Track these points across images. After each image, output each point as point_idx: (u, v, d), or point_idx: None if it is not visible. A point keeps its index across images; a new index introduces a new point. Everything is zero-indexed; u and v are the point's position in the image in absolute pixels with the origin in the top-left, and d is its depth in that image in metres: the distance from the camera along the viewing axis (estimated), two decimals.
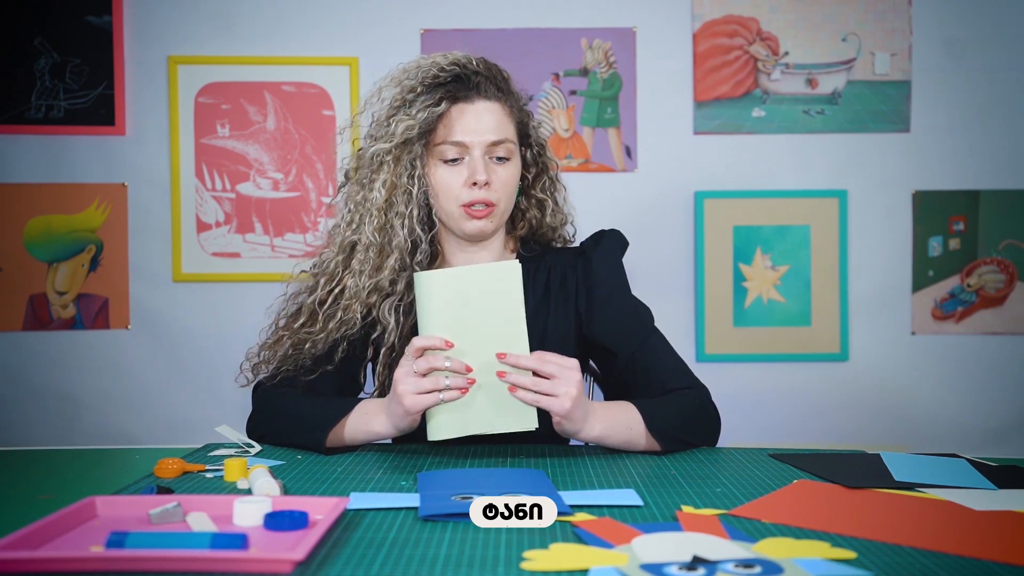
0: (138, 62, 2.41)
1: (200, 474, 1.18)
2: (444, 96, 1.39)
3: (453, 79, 1.40)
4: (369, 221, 1.40)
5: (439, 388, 1.19)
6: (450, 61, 1.41)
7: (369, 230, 1.40)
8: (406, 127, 1.38)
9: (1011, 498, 1.04)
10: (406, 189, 1.40)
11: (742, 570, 0.77)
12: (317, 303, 1.42)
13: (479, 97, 1.40)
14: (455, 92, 1.39)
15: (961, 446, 2.31)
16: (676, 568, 0.78)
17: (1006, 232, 2.44)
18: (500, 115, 1.42)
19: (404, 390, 1.20)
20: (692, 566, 0.78)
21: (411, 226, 1.40)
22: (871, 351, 2.45)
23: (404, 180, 1.40)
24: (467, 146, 1.39)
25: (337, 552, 0.84)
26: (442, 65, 1.40)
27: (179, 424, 2.39)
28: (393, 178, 1.40)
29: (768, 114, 2.45)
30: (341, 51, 2.42)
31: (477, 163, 1.39)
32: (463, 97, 1.40)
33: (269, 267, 2.41)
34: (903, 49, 2.43)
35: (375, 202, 1.40)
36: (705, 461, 1.26)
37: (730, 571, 0.77)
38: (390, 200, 1.40)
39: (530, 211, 1.52)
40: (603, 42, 2.44)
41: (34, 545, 0.83)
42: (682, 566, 0.78)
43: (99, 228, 2.41)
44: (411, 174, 1.40)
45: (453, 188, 1.40)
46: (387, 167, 1.40)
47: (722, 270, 2.45)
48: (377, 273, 1.40)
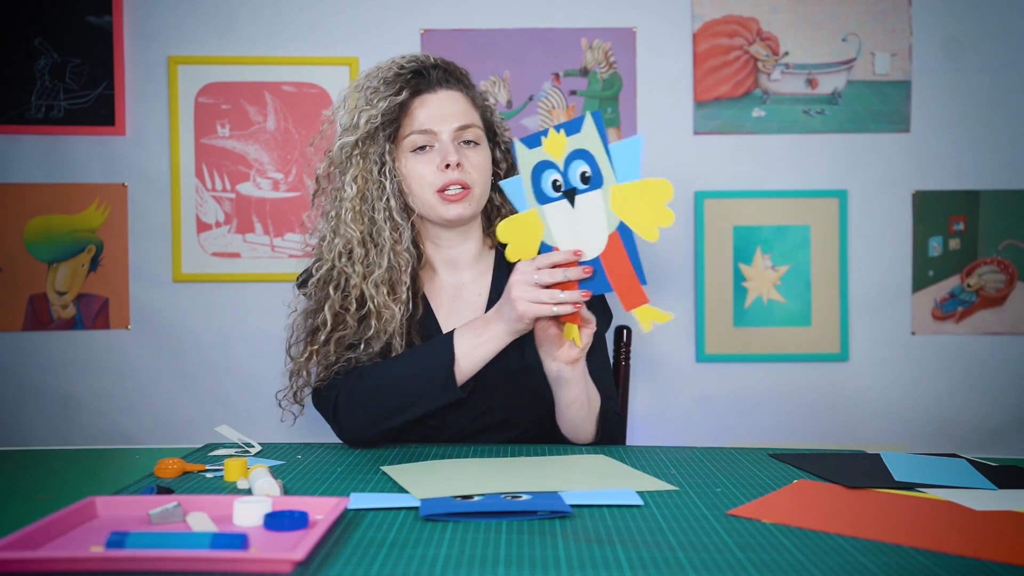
0: (138, 62, 2.41)
1: (200, 474, 1.18)
2: (404, 86, 1.40)
3: (413, 74, 1.42)
4: (346, 218, 1.40)
5: (555, 301, 1.21)
6: (409, 59, 1.44)
7: (351, 227, 1.40)
8: (368, 117, 1.39)
9: (1011, 498, 1.04)
10: (378, 182, 1.40)
11: None
12: (340, 309, 1.40)
13: (441, 87, 1.43)
14: (416, 84, 1.41)
15: (961, 446, 2.31)
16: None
17: (1006, 232, 2.44)
18: (463, 102, 1.44)
19: (518, 295, 1.22)
20: None
21: (391, 218, 1.41)
22: (871, 351, 2.45)
23: (375, 174, 1.40)
24: (434, 132, 1.41)
25: (337, 552, 0.84)
26: (401, 64, 1.43)
27: (179, 424, 2.39)
28: (364, 173, 1.40)
29: (768, 114, 2.45)
30: (341, 51, 2.42)
31: (447, 146, 1.40)
32: (425, 88, 1.42)
33: (269, 267, 2.41)
34: (903, 49, 2.43)
35: (349, 197, 1.40)
36: (705, 461, 1.26)
37: None
38: (363, 195, 1.40)
39: (505, 206, 1.53)
40: (603, 42, 2.44)
41: (34, 545, 0.83)
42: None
43: (99, 228, 2.41)
44: (380, 168, 1.41)
45: (426, 176, 1.41)
46: (355, 162, 1.40)
47: (722, 270, 2.45)
48: (377, 271, 1.39)
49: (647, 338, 2.41)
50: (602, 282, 1.20)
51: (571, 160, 1.21)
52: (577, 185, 1.21)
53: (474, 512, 0.95)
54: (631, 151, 1.17)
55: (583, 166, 1.20)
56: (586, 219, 1.21)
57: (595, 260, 1.21)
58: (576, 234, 1.22)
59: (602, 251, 1.20)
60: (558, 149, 1.22)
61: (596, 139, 1.19)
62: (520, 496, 1.01)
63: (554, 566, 0.81)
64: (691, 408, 2.45)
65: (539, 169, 1.25)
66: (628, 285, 1.18)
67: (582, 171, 1.20)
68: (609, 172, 1.18)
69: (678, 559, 0.83)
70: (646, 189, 1.17)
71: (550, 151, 1.23)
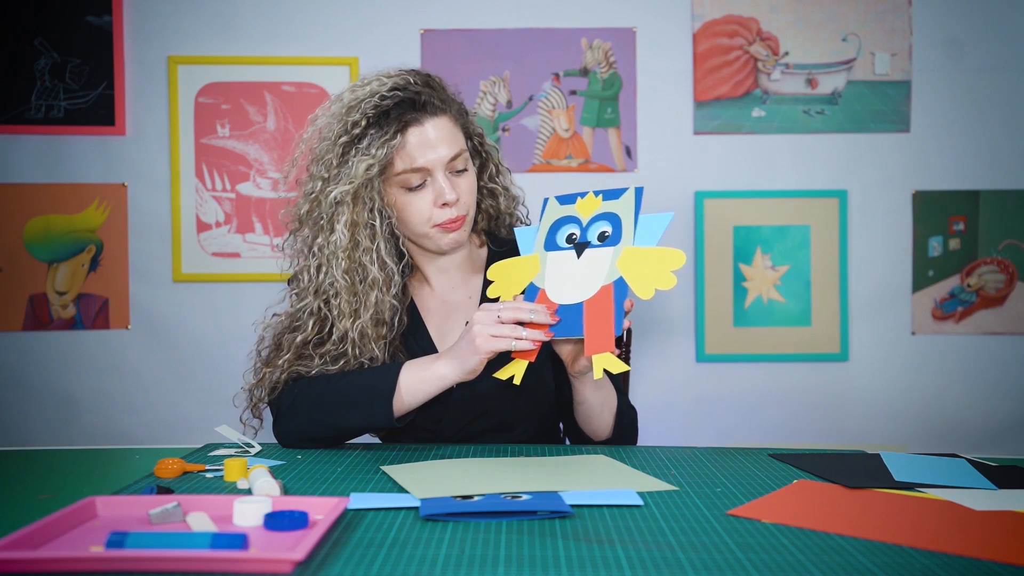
0: (138, 62, 2.41)
1: (200, 474, 1.18)
2: (396, 127, 1.35)
3: (396, 104, 1.36)
4: (336, 265, 1.37)
5: (515, 336, 1.20)
6: (389, 88, 1.37)
7: (339, 274, 1.37)
8: (367, 166, 1.34)
9: (1011, 498, 1.04)
10: (368, 224, 1.38)
11: None
12: (307, 343, 1.39)
13: (427, 116, 1.37)
14: (403, 116, 1.36)
15: (961, 446, 2.31)
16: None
17: (1006, 232, 2.44)
18: (449, 127, 1.39)
19: (480, 330, 1.21)
20: None
21: (381, 260, 1.39)
22: (871, 351, 2.45)
23: (365, 216, 1.37)
24: (428, 169, 1.37)
25: (337, 552, 0.84)
26: (382, 93, 1.37)
27: (179, 424, 2.39)
28: (354, 217, 1.37)
29: (768, 114, 2.45)
30: (341, 51, 2.42)
31: (442, 184, 1.37)
32: (412, 120, 1.36)
33: (269, 267, 2.41)
34: (903, 49, 2.43)
35: (340, 244, 1.37)
36: (705, 461, 1.26)
37: None
38: (354, 239, 1.37)
39: (484, 201, 1.52)
40: (603, 42, 2.44)
41: (34, 545, 0.83)
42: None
43: (99, 228, 2.41)
44: (371, 208, 1.37)
45: (423, 212, 1.39)
46: (346, 207, 1.36)
47: (722, 270, 2.45)
48: (364, 312, 1.37)
49: (647, 338, 2.41)
50: (574, 326, 1.20)
51: (596, 220, 1.25)
52: (592, 241, 1.24)
53: (474, 512, 0.95)
54: (658, 225, 1.21)
55: (605, 226, 1.24)
56: (586, 270, 1.22)
57: (578, 305, 1.21)
58: (569, 281, 1.23)
59: (588, 298, 1.20)
60: (589, 210, 1.27)
61: (630, 209, 1.23)
62: (520, 496, 1.01)
63: (554, 566, 0.80)
64: (691, 408, 2.45)
65: (560, 222, 1.29)
66: (601, 332, 1.18)
67: (602, 231, 1.24)
68: (629, 236, 1.22)
69: (678, 559, 0.83)
70: (660, 256, 1.19)
71: (581, 210, 1.28)
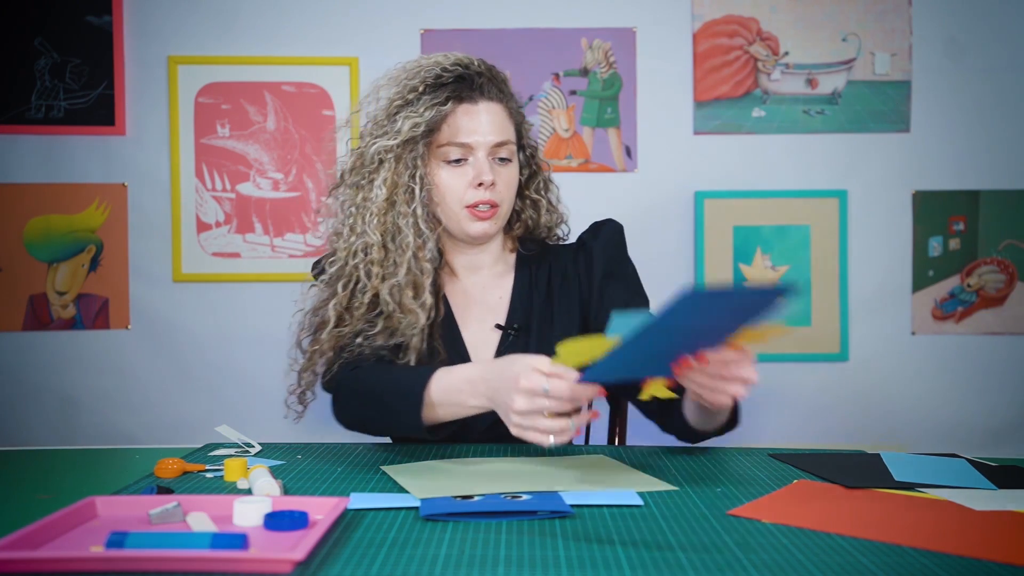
0: (138, 62, 2.41)
1: (200, 474, 1.18)
2: (450, 95, 1.38)
3: (456, 79, 1.39)
4: (370, 222, 1.37)
5: (553, 431, 1.08)
6: (452, 61, 1.40)
7: (372, 231, 1.37)
8: (412, 124, 1.36)
9: (1011, 498, 1.04)
10: (408, 187, 1.38)
11: None
12: (345, 308, 1.38)
13: (482, 98, 1.40)
14: (459, 92, 1.39)
15: (961, 446, 2.31)
16: None
17: (1006, 232, 2.44)
18: (502, 116, 1.42)
19: (518, 420, 1.10)
20: None
21: (417, 227, 1.38)
22: (871, 351, 2.45)
23: (405, 179, 1.38)
24: (472, 147, 1.38)
25: (337, 552, 0.84)
26: (444, 65, 1.39)
27: (179, 424, 2.39)
28: (394, 176, 1.38)
29: (768, 114, 2.45)
30: (341, 51, 2.42)
31: (483, 164, 1.38)
32: (467, 98, 1.39)
33: (269, 267, 2.41)
34: (903, 49, 2.43)
35: (375, 201, 1.37)
36: (705, 461, 1.26)
37: None
38: (391, 199, 1.38)
39: (525, 211, 1.52)
40: (603, 42, 2.44)
41: (34, 545, 0.83)
42: None
43: (99, 228, 2.41)
44: (412, 173, 1.38)
45: (457, 190, 1.39)
46: (388, 165, 1.38)
47: (722, 270, 2.45)
48: (398, 272, 1.37)
49: None
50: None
51: None
52: None
53: (474, 512, 0.95)
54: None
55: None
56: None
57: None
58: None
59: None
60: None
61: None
62: (520, 496, 1.01)
63: (554, 566, 0.80)
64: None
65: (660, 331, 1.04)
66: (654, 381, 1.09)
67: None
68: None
69: (678, 559, 0.83)
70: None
71: None
